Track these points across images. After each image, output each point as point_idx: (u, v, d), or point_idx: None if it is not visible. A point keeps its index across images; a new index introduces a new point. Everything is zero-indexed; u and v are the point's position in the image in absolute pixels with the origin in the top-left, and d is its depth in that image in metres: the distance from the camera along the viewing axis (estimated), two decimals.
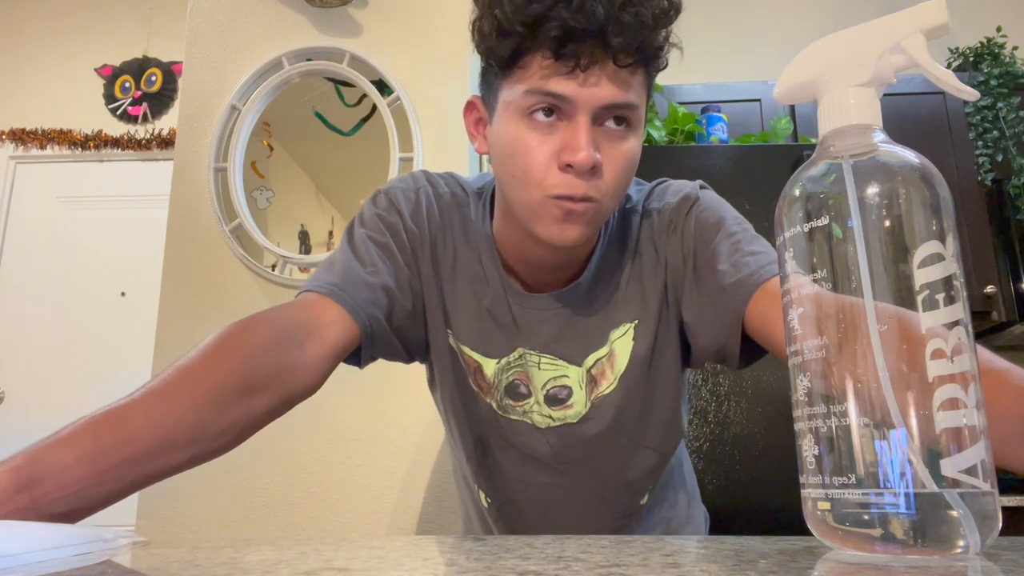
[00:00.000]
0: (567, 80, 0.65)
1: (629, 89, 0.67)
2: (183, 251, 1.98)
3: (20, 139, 3.29)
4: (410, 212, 0.81)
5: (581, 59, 0.64)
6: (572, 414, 0.80)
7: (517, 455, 0.83)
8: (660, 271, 0.79)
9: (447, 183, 0.85)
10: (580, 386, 0.80)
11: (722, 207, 0.80)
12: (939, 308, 0.33)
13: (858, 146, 0.36)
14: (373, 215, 0.80)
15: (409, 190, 0.83)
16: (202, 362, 0.62)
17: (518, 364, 0.80)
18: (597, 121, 0.67)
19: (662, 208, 0.81)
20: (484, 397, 0.81)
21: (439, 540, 0.44)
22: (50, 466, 0.50)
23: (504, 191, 0.74)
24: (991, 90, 2.50)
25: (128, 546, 0.43)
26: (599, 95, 0.66)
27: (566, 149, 0.66)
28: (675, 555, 0.34)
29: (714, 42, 2.99)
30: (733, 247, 0.74)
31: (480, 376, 0.81)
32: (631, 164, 0.70)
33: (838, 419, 0.33)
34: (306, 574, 0.29)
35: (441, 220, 0.82)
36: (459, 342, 0.81)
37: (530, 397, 0.80)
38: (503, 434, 0.82)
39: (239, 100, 2.02)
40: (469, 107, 0.79)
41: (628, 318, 0.79)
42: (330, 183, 2.10)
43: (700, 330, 0.76)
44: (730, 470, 1.72)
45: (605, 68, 0.65)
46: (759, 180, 1.87)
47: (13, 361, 3.08)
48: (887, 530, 0.31)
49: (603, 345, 0.79)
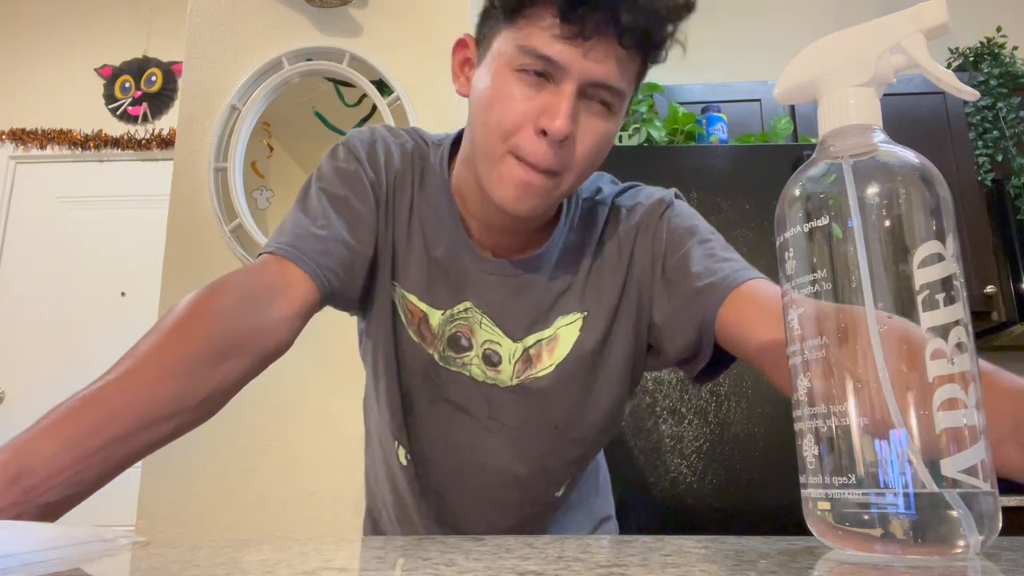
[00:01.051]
0: (565, 45, 0.64)
1: (624, 74, 0.67)
2: (183, 251, 1.98)
3: (20, 139, 3.30)
4: (368, 159, 0.80)
5: (587, 27, 0.63)
6: (499, 379, 0.79)
7: (448, 411, 0.81)
8: (621, 268, 0.79)
9: (408, 134, 0.84)
10: (510, 360, 0.78)
11: (695, 216, 0.80)
12: (939, 308, 0.33)
13: (858, 146, 0.36)
14: (331, 167, 0.80)
15: (367, 140, 0.82)
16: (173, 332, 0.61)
17: (462, 317, 0.79)
18: (582, 94, 0.67)
19: (633, 207, 0.81)
20: (426, 348, 0.80)
21: (439, 540, 0.44)
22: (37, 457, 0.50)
23: (473, 137, 0.73)
24: (991, 90, 2.51)
25: (128, 546, 0.43)
26: (593, 70, 0.65)
27: (544, 114, 0.65)
28: (675, 555, 0.34)
29: (714, 42, 2.99)
30: (706, 253, 0.74)
31: (425, 326, 0.79)
32: (604, 143, 0.70)
33: (838, 419, 0.33)
34: (306, 574, 0.29)
35: (400, 167, 0.81)
36: (405, 291, 0.79)
37: (471, 350, 0.79)
38: (439, 387, 0.80)
39: (239, 100, 2.02)
40: (459, 45, 0.77)
41: (579, 308, 0.78)
42: None
43: (672, 333, 0.75)
44: (730, 470, 1.72)
45: (608, 44, 0.65)
46: (759, 180, 1.87)
47: (13, 361, 3.08)
48: (887, 530, 0.31)
49: (547, 327, 0.79)
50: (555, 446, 0.82)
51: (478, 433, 0.81)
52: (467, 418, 0.81)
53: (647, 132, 2.11)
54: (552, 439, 0.81)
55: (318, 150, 2.09)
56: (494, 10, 0.70)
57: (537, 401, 0.79)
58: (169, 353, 0.60)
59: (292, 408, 1.79)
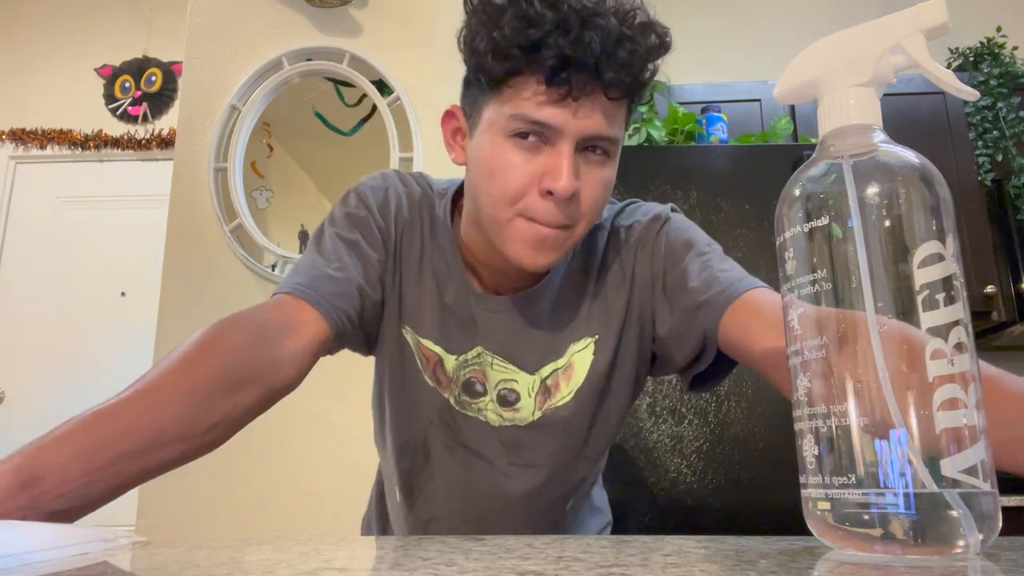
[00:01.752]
0: (556, 108, 0.66)
1: (614, 122, 0.69)
2: (183, 251, 1.98)
3: (20, 139, 3.29)
4: (378, 207, 0.82)
5: (573, 89, 0.65)
6: (520, 418, 0.80)
7: (465, 456, 0.82)
8: (624, 288, 0.80)
9: (417, 182, 0.86)
10: (529, 394, 0.80)
11: (692, 229, 0.81)
12: (939, 308, 0.33)
13: (858, 146, 0.36)
14: (342, 214, 0.82)
15: (378, 187, 0.84)
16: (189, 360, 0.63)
17: (475, 362, 0.80)
18: (578, 148, 0.69)
19: (631, 226, 0.82)
20: (442, 392, 0.81)
21: (439, 540, 0.44)
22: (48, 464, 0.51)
23: (478, 204, 0.74)
24: (991, 90, 2.50)
25: (128, 546, 0.43)
26: (587, 126, 0.67)
27: (548, 175, 0.67)
28: (675, 555, 0.34)
29: (714, 42, 2.98)
30: (703, 265, 0.75)
31: (440, 370, 0.81)
32: (607, 190, 0.72)
33: (838, 419, 0.33)
34: (306, 574, 0.29)
35: (409, 216, 0.82)
36: (420, 336, 0.81)
37: (485, 395, 0.80)
38: (455, 432, 0.82)
39: (239, 100, 2.02)
40: (448, 116, 0.79)
41: (589, 332, 0.80)
42: (330, 183, 2.10)
43: (675, 346, 0.77)
44: (730, 470, 1.72)
45: (596, 100, 0.67)
46: (759, 180, 1.87)
47: (13, 361, 3.08)
48: (887, 530, 0.31)
49: (561, 357, 0.80)
50: (572, 467, 0.84)
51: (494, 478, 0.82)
52: (484, 464, 0.82)
53: (647, 132, 2.11)
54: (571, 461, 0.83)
55: (318, 150, 2.10)
56: (478, 82, 0.71)
57: (561, 431, 0.80)
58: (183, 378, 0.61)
59: (292, 409, 1.78)
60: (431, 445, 0.83)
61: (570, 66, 0.64)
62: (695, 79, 2.56)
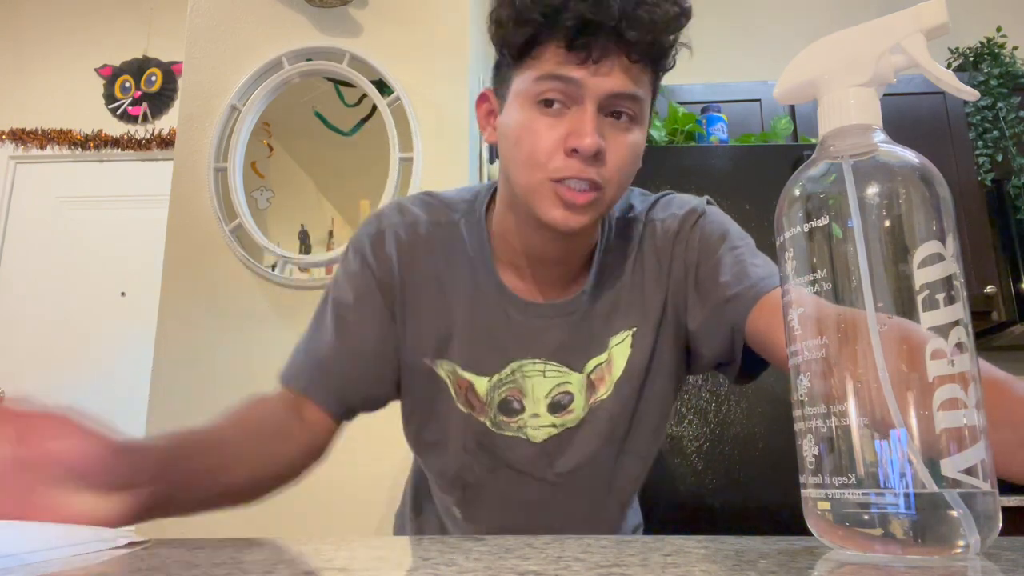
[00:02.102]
0: (580, 68, 0.67)
1: (638, 83, 0.69)
2: (183, 251, 1.98)
3: (20, 139, 3.29)
4: (374, 257, 0.81)
5: (593, 51, 0.66)
6: (571, 419, 0.80)
7: (510, 475, 0.82)
8: (662, 281, 0.80)
9: (423, 208, 0.84)
10: (580, 392, 0.80)
11: (726, 222, 0.81)
12: (939, 308, 0.33)
13: (858, 146, 0.36)
14: (342, 274, 0.83)
15: (373, 233, 0.82)
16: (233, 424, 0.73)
17: (510, 380, 0.80)
18: (603, 111, 0.69)
19: (666, 218, 0.82)
20: (477, 416, 0.81)
21: (439, 540, 0.44)
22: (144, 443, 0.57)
23: (509, 177, 0.75)
24: (991, 90, 2.50)
25: (128, 546, 0.43)
26: (608, 83, 0.68)
27: (572, 134, 0.68)
28: (675, 555, 0.34)
29: (714, 42, 2.98)
30: (736, 259, 0.75)
31: (472, 395, 0.80)
32: (635, 155, 0.72)
33: (838, 419, 0.33)
34: (306, 574, 0.29)
35: (414, 253, 0.81)
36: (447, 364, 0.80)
37: (523, 412, 0.80)
38: (496, 453, 0.82)
39: (239, 100, 2.02)
40: (481, 99, 0.80)
41: (627, 326, 0.80)
42: (330, 183, 2.10)
43: (704, 340, 0.77)
44: (730, 470, 1.72)
45: (617, 60, 0.67)
46: (759, 180, 1.87)
47: (13, 361, 3.08)
48: (887, 530, 0.31)
49: (603, 351, 0.80)
50: (619, 465, 0.84)
51: (542, 490, 0.83)
52: (529, 479, 0.82)
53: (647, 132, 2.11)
54: (616, 458, 0.83)
55: (318, 150, 2.10)
56: (504, 59, 0.73)
57: (604, 424, 0.81)
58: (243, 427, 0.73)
59: None
60: (473, 472, 0.83)
61: (589, 29, 0.65)
62: (695, 79, 2.56)
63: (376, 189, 1.94)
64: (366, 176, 1.99)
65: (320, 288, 1.93)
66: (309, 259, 1.94)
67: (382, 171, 1.93)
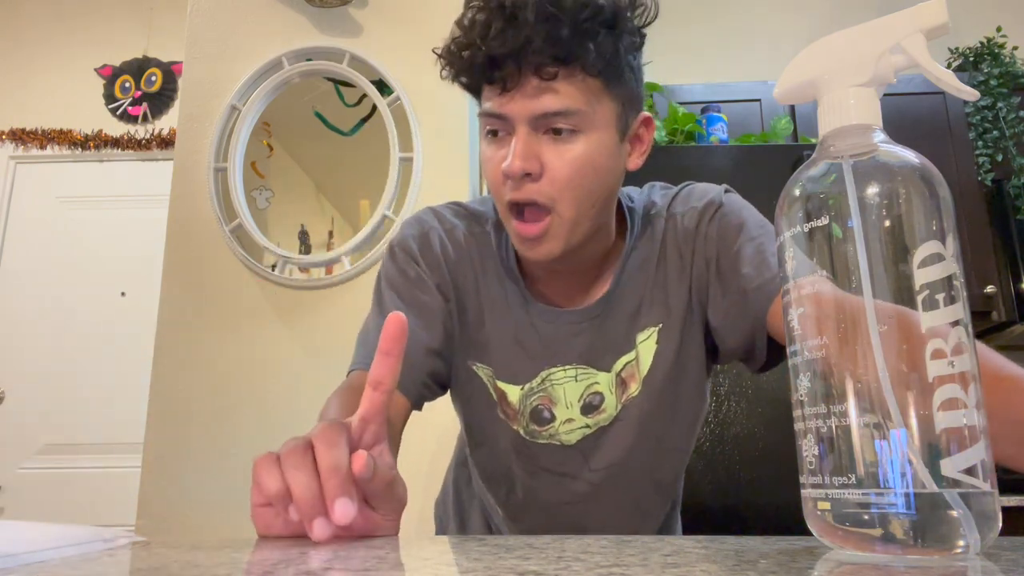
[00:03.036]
0: (500, 99, 0.71)
1: (557, 96, 0.70)
2: (183, 251, 1.98)
3: (20, 139, 3.29)
4: (424, 256, 0.83)
5: (507, 81, 0.69)
6: (604, 418, 0.82)
7: (549, 478, 0.84)
8: (685, 276, 0.81)
9: (456, 214, 0.87)
10: (611, 390, 0.81)
11: (744, 211, 0.81)
12: (939, 308, 0.33)
13: (858, 146, 0.36)
14: (396, 271, 0.83)
15: (420, 235, 0.84)
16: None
17: (541, 389, 0.81)
18: (539, 130, 0.71)
19: (687, 212, 0.82)
20: (511, 424, 0.83)
21: (439, 540, 0.44)
22: None
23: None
24: (991, 90, 2.50)
25: (128, 546, 0.43)
26: (528, 108, 0.70)
27: (504, 160, 0.71)
28: (675, 555, 0.34)
29: (714, 42, 2.98)
30: (755, 250, 0.75)
31: (505, 403, 0.83)
32: (583, 166, 0.72)
33: (838, 419, 0.33)
34: (306, 574, 0.29)
35: (455, 255, 0.84)
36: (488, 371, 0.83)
37: (554, 421, 0.82)
38: (532, 459, 0.84)
39: (239, 100, 2.02)
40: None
41: (652, 322, 0.81)
42: (330, 183, 2.10)
43: (726, 332, 0.78)
44: (730, 470, 1.72)
45: (529, 83, 0.69)
46: (759, 180, 1.86)
47: (13, 361, 3.08)
48: (887, 530, 0.31)
49: (630, 349, 0.81)
50: (659, 459, 0.85)
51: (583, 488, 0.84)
52: (569, 480, 0.84)
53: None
54: (655, 453, 0.84)
55: (318, 150, 2.10)
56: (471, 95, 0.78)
57: (636, 420, 0.82)
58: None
59: (292, 409, 1.79)
60: (515, 472, 0.85)
61: (495, 62, 0.69)
62: (695, 79, 2.56)
63: (376, 189, 1.94)
64: (366, 176, 1.99)
65: (320, 288, 1.93)
66: (309, 259, 1.94)
67: (382, 171, 1.93)
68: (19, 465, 2.95)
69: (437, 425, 1.59)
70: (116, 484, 2.86)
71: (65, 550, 0.39)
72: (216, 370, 1.88)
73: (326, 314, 1.90)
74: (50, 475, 2.94)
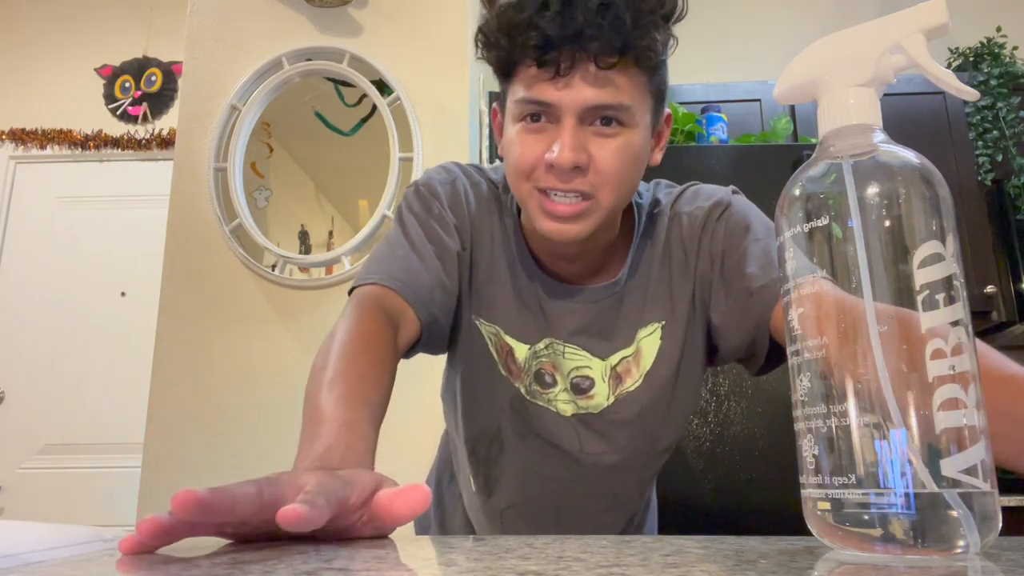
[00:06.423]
0: (549, 85, 0.68)
1: (615, 89, 0.68)
2: (183, 251, 1.98)
3: (20, 139, 3.29)
4: (449, 201, 0.83)
5: (561, 65, 0.66)
6: (593, 404, 0.81)
7: (539, 445, 0.83)
8: (690, 274, 0.81)
9: (479, 173, 0.87)
10: (603, 379, 0.81)
11: (752, 213, 0.81)
12: (939, 308, 0.33)
13: (858, 146, 0.36)
14: (420, 206, 0.82)
15: (446, 181, 0.84)
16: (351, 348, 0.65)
17: (545, 354, 0.81)
18: (586, 121, 0.69)
19: (693, 211, 0.82)
20: (513, 381, 0.82)
21: (439, 540, 0.44)
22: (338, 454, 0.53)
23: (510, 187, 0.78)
24: (991, 90, 2.50)
25: None
26: (581, 97, 0.68)
27: (550, 150, 0.69)
28: (675, 555, 0.34)
29: (714, 42, 2.98)
30: (761, 252, 0.75)
31: (511, 360, 0.82)
32: (627, 158, 0.71)
33: (838, 419, 0.33)
34: (306, 574, 0.29)
35: (477, 209, 0.84)
36: (496, 326, 0.82)
37: (555, 386, 0.81)
38: (527, 420, 0.83)
39: (239, 100, 2.02)
40: (493, 113, 0.82)
41: (656, 318, 0.81)
42: (330, 183, 2.10)
43: (728, 332, 0.77)
44: (730, 470, 1.72)
45: (587, 71, 0.67)
46: (759, 180, 1.86)
47: (13, 361, 3.08)
48: (887, 530, 0.31)
49: (630, 344, 0.81)
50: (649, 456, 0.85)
51: (568, 466, 0.84)
52: (558, 452, 0.83)
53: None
54: (647, 450, 0.84)
55: (318, 150, 2.10)
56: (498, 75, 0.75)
57: (635, 415, 0.81)
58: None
59: (291, 409, 1.79)
60: (504, 433, 0.84)
61: (553, 44, 0.66)
62: (695, 79, 2.56)
63: (376, 189, 1.94)
64: (366, 176, 1.99)
65: (320, 288, 1.93)
66: (309, 259, 1.95)
67: (382, 171, 1.93)
68: (19, 465, 2.96)
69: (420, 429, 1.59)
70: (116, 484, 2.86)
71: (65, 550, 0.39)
72: (216, 370, 1.88)
73: (326, 314, 1.90)
74: (50, 475, 2.94)
